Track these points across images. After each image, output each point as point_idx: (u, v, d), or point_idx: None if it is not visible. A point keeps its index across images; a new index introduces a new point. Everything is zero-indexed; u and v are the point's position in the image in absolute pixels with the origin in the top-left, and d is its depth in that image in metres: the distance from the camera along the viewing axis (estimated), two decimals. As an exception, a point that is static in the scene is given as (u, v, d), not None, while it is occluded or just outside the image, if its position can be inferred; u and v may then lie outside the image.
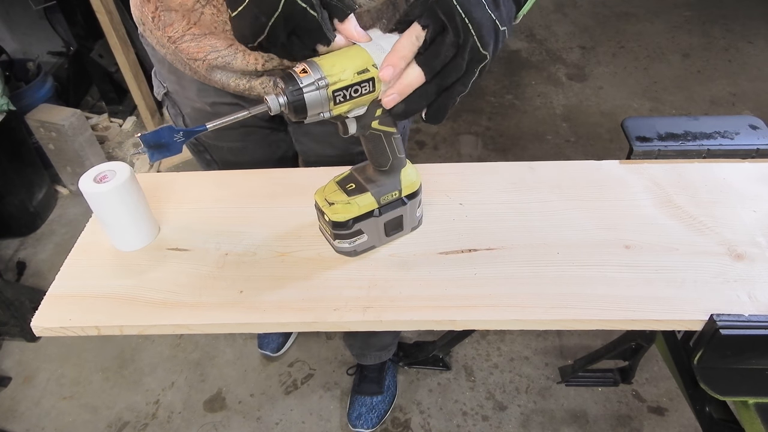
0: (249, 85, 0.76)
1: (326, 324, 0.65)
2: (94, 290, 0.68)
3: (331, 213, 0.66)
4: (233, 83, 0.77)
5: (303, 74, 0.53)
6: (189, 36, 0.73)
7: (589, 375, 1.43)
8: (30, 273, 1.89)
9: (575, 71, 2.74)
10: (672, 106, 2.49)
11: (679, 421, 1.41)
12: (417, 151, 2.29)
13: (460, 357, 1.58)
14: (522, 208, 0.77)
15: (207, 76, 0.77)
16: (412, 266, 0.69)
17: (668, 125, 0.86)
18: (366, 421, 1.42)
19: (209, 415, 1.49)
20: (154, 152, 0.54)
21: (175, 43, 0.75)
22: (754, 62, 2.74)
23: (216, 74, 0.76)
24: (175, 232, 0.76)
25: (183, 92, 0.87)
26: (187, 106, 0.90)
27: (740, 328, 0.61)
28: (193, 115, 0.91)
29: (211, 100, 0.85)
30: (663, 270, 0.67)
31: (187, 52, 0.75)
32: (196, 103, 0.87)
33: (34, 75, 2.16)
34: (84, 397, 1.54)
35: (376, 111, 0.59)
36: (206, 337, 1.67)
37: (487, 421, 1.43)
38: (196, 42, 0.74)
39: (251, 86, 0.76)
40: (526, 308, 0.64)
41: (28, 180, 2.00)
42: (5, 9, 2.33)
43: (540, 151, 2.27)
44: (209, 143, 0.96)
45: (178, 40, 0.74)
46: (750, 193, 0.78)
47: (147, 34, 0.81)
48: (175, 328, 0.65)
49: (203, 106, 0.87)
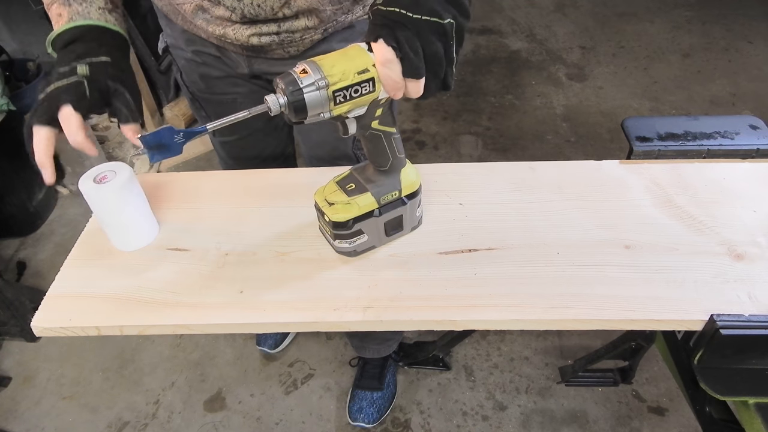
0: (224, 31, 0.81)
1: (326, 324, 0.65)
2: (94, 290, 0.68)
3: (331, 213, 0.66)
4: (211, 28, 0.82)
5: (303, 74, 0.53)
6: None
7: (589, 375, 1.43)
8: (30, 273, 1.89)
9: (575, 71, 2.74)
10: (672, 106, 2.49)
11: (679, 421, 1.41)
12: (417, 151, 2.29)
13: (460, 357, 1.58)
14: (522, 208, 0.77)
15: (191, 20, 0.83)
16: (412, 266, 0.69)
17: (668, 125, 0.86)
18: (366, 415, 1.42)
19: (209, 415, 1.49)
20: (155, 153, 0.54)
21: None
22: (754, 62, 2.74)
23: (198, 18, 0.82)
24: (175, 232, 0.76)
25: (176, 43, 0.94)
26: (181, 57, 0.96)
27: (740, 328, 0.61)
28: (186, 67, 0.96)
29: (196, 48, 0.91)
30: (663, 270, 0.67)
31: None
32: (186, 53, 0.93)
33: (34, 75, 2.16)
34: (84, 397, 1.54)
35: (376, 111, 0.59)
36: (206, 337, 1.67)
37: (487, 421, 1.43)
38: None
39: (225, 33, 0.82)
40: (526, 308, 0.64)
41: (28, 180, 2.00)
42: (5, 9, 2.32)
43: (540, 151, 2.27)
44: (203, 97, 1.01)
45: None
46: (750, 193, 0.78)
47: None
48: (175, 328, 0.65)
49: (192, 56, 0.93)
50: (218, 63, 0.93)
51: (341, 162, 1.00)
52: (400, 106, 2.50)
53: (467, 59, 2.83)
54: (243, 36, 0.81)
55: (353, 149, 1.01)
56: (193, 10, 0.81)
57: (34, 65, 2.20)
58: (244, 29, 0.80)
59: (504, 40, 3.01)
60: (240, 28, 0.81)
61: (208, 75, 0.95)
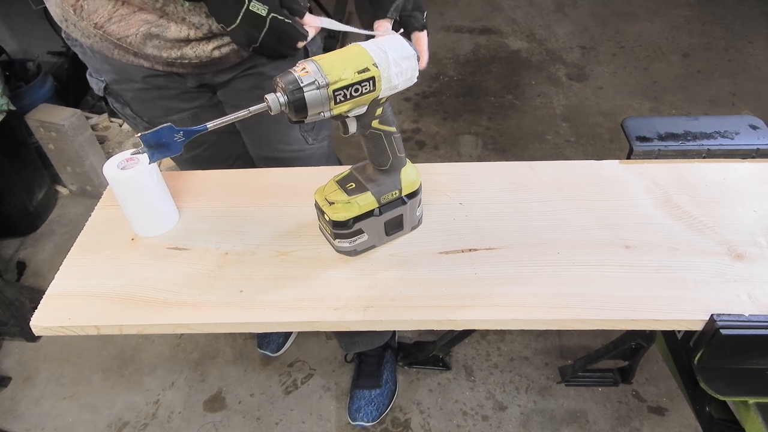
0: (180, 53, 0.80)
1: (326, 324, 0.65)
2: (93, 290, 0.68)
3: (332, 212, 0.66)
4: (165, 54, 0.80)
5: (303, 73, 0.53)
6: (117, 17, 0.76)
7: (589, 375, 1.43)
8: (30, 273, 1.89)
9: (575, 71, 2.74)
10: (672, 106, 2.49)
11: (679, 421, 1.41)
12: (417, 151, 2.29)
13: (460, 357, 1.58)
14: (522, 208, 0.77)
15: (139, 50, 0.80)
16: (412, 266, 0.69)
17: (668, 125, 0.86)
18: (366, 414, 1.42)
19: (209, 415, 1.49)
20: (154, 152, 0.53)
21: (102, 28, 0.77)
22: (754, 62, 2.74)
23: (148, 46, 0.79)
24: (175, 232, 0.76)
25: (120, 78, 0.89)
26: (128, 91, 0.91)
27: (740, 328, 0.61)
28: (136, 97, 0.92)
29: (146, 73, 0.87)
30: (663, 270, 0.67)
31: (116, 33, 0.78)
32: (135, 84, 0.89)
33: (34, 75, 2.16)
34: (84, 397, 1.54)
35: (377, 110, 0.59)
36: (206, 337, 1.67)
37: (487, 421, 1.43)
38: (125, 21, 0.76)
39: (183, 53, 0.80)
40: (526, 308, 0.64)
41: (28, 180, 2.00)
42: (5, 9, 2.32)
43: (540, 151, 2.27)
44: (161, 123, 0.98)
45: (105, 24, 0.77)
46: (750, 193, 0.78)
47: (71, 29, 0.83)
48: (175, 328, 0.65)
49: (142, 84, 0.89)
50: (170, 83, 0.90)
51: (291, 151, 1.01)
52: (400, 105, 2.50)
53: (467, 59, 2.83)
54: (205, 51, 0.80)
55: (301, 132, 1.01)
56: (141, 39, 0.78)
57: (34, 65, 2.20)
58: (206, 44, 0.80)
59: (504, 40, 3.00)
60: (201, 45, 0.80)
61: (163, 97, 0.92)
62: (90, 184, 2.11)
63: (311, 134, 1.04)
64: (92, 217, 0.79)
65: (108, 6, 0.76)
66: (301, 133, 1.02)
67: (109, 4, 0.76)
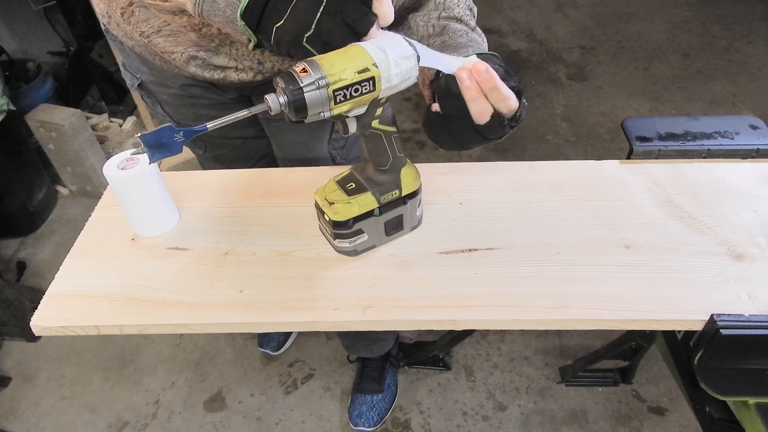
0: (224, 75, 0.79)
1: (326, 324, 0.65)
2: (93, 289, 0.68)
3: (332, 212, 0.66)
4: (208, 74, 0.79)
5: (303, 73, 0.53)
6: (166, 31, 0.74)
7: (589, 375, 1.43)
8: (30, 273, 1.89)
9: (575, 71, 2.74)
10: (672, 106, 2.49)
11: (679, 421, 1.41)
12: (417, 151, 2.29)
13: (460, 357, 1.58)
14: (522, 208, 0.77)
15: (182, 67, 0.79)
16: (412, 266, 0.69)
17: (668, 125, 0.86)
18: (367, 419, 1.42)
19: (209, 415, 1.49)
20: (155, 152, 0.53)
21: (148, 38, 0.76)
22: (754, 62, 2.74)
23: (192, 65, 0.78)
24: (175, 232, 0.76)
25: (157, 80, 0.89)
26: (163, 93, 0.91)
27: (740, 328, 0.61)
28: (170, 101, 0.92)
29: (185, 82, 0.87)
30: (663, 270, 0.67)
31: (161, 47, 0.76)
32: (172, 89, 0.89)
33: (34, 75, 2.16)
34: (84, 397, 1.54)
35: (377, 110, 0.59)
36: (206, 337, 1.67)
37: (487, 421, 1.43)
38: (174, 38, 0.75)
39: (226, 75, 0.79)
40: (526, 308, 0.64)
41: (28, 180, 2.00)
42: (5, 9, 2.32)
43: (540, 151, 2.27)
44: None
45: (152, 35, 0.75)
46: (750, 193, 0.78)
47: (113, 27, 0.81)
48: (175, 328, 0.65)
49: (178, 91, 0.89)
50: (208, 93, 0.90)
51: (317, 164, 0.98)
52: (400, 105, 2.50)
53: (467, 59, 2.83)
54: (248, 76, 0.79)
55: (329, 149, 0.99)
56: (185, 59, 0.77)
57: (34, 65, 2.20)
58: (251, 73, 0.79)
59: (504, 40, 3.00)
60: (246, 72, 0.79)
61: (197, 105, 0.92)
62: (90, 184, 2.12)
63: (341, 153, 1.01)
64: (92, 218, 0.79)
65: (159, 19, 0.73)
66: (329, 151, 1.00)
67: (160, 19, 0.73)
